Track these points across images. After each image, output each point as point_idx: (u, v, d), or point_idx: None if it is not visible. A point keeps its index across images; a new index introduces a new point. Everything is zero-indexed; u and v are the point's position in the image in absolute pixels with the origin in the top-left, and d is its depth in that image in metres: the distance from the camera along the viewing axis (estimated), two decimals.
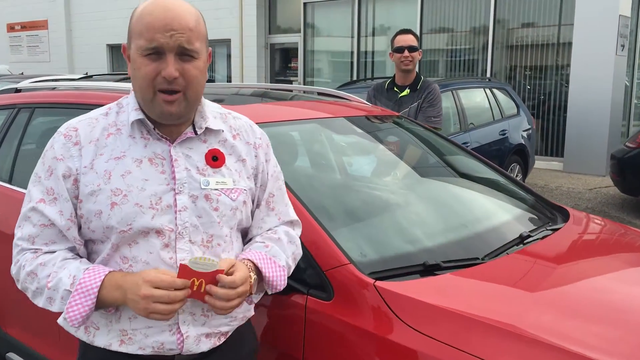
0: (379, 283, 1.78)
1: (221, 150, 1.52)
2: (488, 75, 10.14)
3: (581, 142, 9.14)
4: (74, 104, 2.79)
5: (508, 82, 9.64)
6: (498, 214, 2.59)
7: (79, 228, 1.48)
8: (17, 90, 3.45)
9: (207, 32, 1.51)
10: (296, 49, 12.88)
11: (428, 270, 1.92)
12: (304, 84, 12.62)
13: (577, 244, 2.43)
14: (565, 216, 2.69)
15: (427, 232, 2.29)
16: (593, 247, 2.46)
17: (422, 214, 2.47)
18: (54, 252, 1.46)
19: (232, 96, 3.20)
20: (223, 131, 1.55)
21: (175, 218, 1.44)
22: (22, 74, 13.03)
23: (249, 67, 13.27)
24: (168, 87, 1.40)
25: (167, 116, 1.44)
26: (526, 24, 10.01)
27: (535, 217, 2.62)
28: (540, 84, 10.00)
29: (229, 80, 13.64)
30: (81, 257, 1.49)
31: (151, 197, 1.43)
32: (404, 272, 1.90)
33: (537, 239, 2.33)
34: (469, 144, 6.33)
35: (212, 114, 1.56)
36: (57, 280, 1.40)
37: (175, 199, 1.45)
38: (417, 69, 4.00)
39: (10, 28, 18.40)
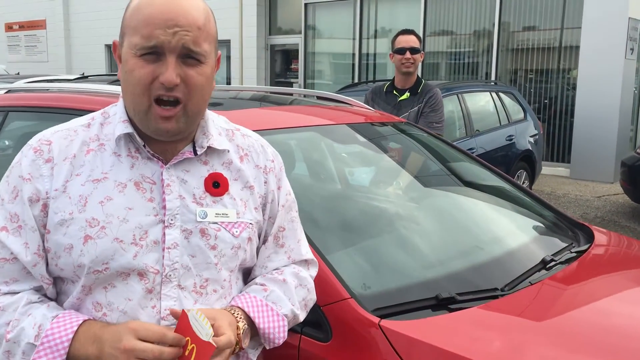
0: (385, 322, 1.53)
1: (224, 175, 1.26)
2: (492, 78, 9.90)
3: (588, 148, 8.90)
4: (51, 107, 2.54)
5: (513, 86, 9.40)
6: (516, 233, 2.33)
7: (47, 264, 1.21)
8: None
9: (217, 33, 1.25)
10: (297, 51, 12.66)
11: (441, 304, 1.67)
12: (305, 86, 12.41)
13: (608, 269, 2.17)
14: (589, 235, 2.43)
15: (437, 256, 2.04)
16: (628, 274, 2.19)
17: (432, 234, 2.21)
18: (16, 293, 1.19)
19: (229, 100, 2.95)
20: (229, 151, 1.29)
21: (163, 257, 1.18)
22: (18, 74, 12.80)
23: (248, 69, 13.05)
24: (166, 94, 1.14)
25: (163, 133, 1.18)
26: (531, 27, 9.78)
27: (557, 237, 2.36)
28: (546, 88, 9.76)
29: (228, 82, 13.41)
30: (50, 298, 1.23)
31: (135, 230, 1.17)
32: (413, 307, 1.64)
33: (562, 263, 2.07)
34: (474, 150, 6.08)
35: (216, 130, 1.29)
36: (18, 330, 1.14)
37: (164, 234, 1.18)
38: (419, 72, 3.82)
39: (8, 27, 18.20)
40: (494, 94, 7.22)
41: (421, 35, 10.42)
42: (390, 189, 2.57)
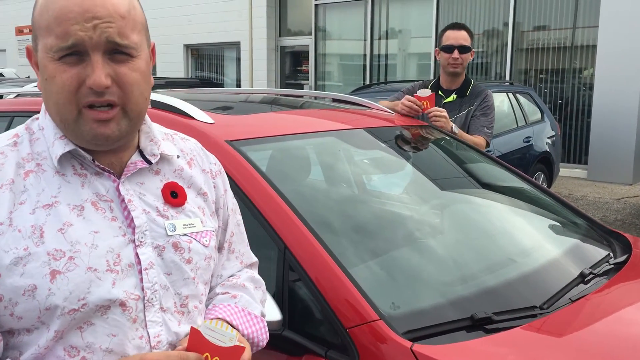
0: (417, 347, 1.39)
1: (179, 184, 1.15)
2: (507, 78, 9.73)
3: (606, 149, 8.71)
4: None
5: (527, 86, 9.22)
6: (549, 244, 2.18)
7: None
8: None
9: (146, 19, 1.11)
10: (307, 52, 12.54)
11: (477, 325, 1.53)
12: (315, 88, 12.29)
13: None
14: (625, 245, 2.28)
15: (468, 269, 1.89)
16: None
17: (461, 245, 2.07)
18: None
19: (238, 103, 2.83)
20: (178, 157, 1.19)
21: (141, 280, 1.05)
22: (28, 77, 12.82)
23: (258, 71, 12.94)
24: (97, 99, 1.00)
25: (102, 141, 1.04)
26: (546, 26, 9.60)
27: (592, 247, 2.22)
28: (561, 88, 9.58)
29: (238, 84, 13.33)
30: None
31: (107, 255, 1.02)
32: (447, 329, 1.51)
33: (602, 277, 1.92)
34: (491, 151, 5.92)
35: (160, 134, 1.18)
36: None
37: (136, 254, 1.05)
38: (466, 72, 3.42)
39: (19, 31, 18.22)
40: (510, 95, 7.07)
41: (433, 35, 10.29)
42: (413, 196, 2.43)
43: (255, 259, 1.37)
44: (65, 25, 0.97)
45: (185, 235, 1.11)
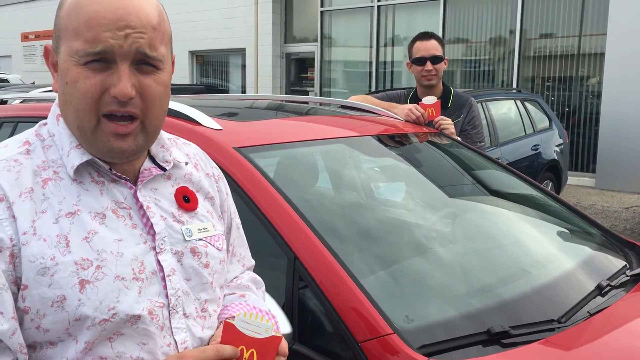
0: None
1: (190, 188, 1.15)
2: (514, 85, 9.68)
3: (614, 157, 8.64)
4: None
5: (535, 94, 9.17)
6: (564, 254, 2.13)
7: None
8: (3, 102, 3.07)
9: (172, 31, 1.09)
10: (312, 59, 12.52)
11: (494, 339, 1.48)
12: (321, 95, 12.26)
13: None
14: None
15: (483, 281, 1.84)
16: None
17: (474, 255, 2.02)
18: None
19: (245, 109, 2.79)
20: (187, 163, 1.18)
21: (165, 287, 1.04)
22: (33, 83, 12.82)
23: (264, 77, 12.93)
24: (119, 109, 0.98)
25: (118, 154, 1.02)
26: (553, 34, 9.56)
27: (608, 258, 2.16)
28: (568, 96, 9.53)
29: (243, 91, 13.32)
30: None
31: (132, 263, 1.01)
32: (462, 344, 1.45)
33: (620, 289, 1.87)
34: (500, 160, 5.87)
35: (168, 141, 1.17)
36: None
37: (157, 261, 1.04)
38: (443, 80, 3.21)
39: (25, 37, 18.29)
40: (518, 102, 7.02)
41: None
42: (423, 204, 2.38)
43: (253, 262, 1.36)
44: (96, 30, 0.95)
45: (201, 239, 1.11)
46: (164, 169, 1.11)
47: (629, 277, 1.99)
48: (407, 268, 1.79)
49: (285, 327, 1.42)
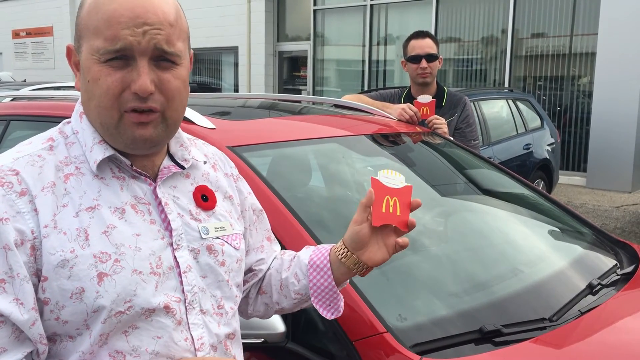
0: None
1: (209, 187, 1.18)
2: (506, 85, 9.72)
3: (605, 156, 8.69)
4: (53, 116, 2.38)
5: (526, 93, 9.21)
6: (556, 253, 2.14)
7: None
8: None
9: (189, 28, 1.12)
10: (305, 58, 12.53)
11: (486, 338, 1.49)
12: (313, 94, 12.26)
13: None
14: (631, 255, 2.24)
15: (475, 279, 1.85)
16: None
17: (466, 254, 2.03)
18: None
19: (238, 108, 2.79)
20: (205, 162, 1.22)
21: (181, 283, 1.07)
22: (24, 81, 12.75)
23: (256, 76, 12.92)
24: (140, 105, 1.01)
25: (140, 143, 1.05)
26: (545, 33, 9.60)
27: (599, 257, 2.18)
28: (559, 95, 9.58)
29: (236, 89, 13.29)
30: None
31: (150, 257, 1.04)
32: (455, 342, 1.46)
33: (610, 288, 1.88)
34: (491, 159, 5.90)
35: (187, 140, 1.20)
36: None
37: (174, 257, 1.07)
38: (437, 79, 3.26)
39: (16, 34, 18.20)
40: (510, 102, 7.05)
41: None
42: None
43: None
44: (115, 28, 0.98)
45: (217, 238, 1.13)
46: (182, 167, 1.14)
47: (619, 276, 2.01)
48: (400, 267, 1.80)
49: (278, 326, 1.43)
